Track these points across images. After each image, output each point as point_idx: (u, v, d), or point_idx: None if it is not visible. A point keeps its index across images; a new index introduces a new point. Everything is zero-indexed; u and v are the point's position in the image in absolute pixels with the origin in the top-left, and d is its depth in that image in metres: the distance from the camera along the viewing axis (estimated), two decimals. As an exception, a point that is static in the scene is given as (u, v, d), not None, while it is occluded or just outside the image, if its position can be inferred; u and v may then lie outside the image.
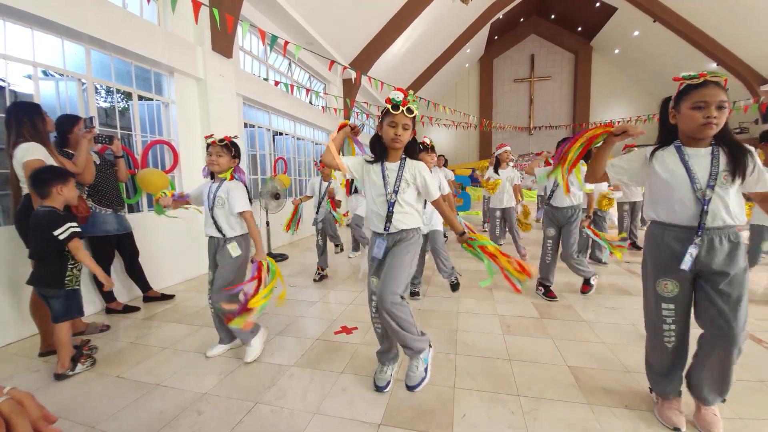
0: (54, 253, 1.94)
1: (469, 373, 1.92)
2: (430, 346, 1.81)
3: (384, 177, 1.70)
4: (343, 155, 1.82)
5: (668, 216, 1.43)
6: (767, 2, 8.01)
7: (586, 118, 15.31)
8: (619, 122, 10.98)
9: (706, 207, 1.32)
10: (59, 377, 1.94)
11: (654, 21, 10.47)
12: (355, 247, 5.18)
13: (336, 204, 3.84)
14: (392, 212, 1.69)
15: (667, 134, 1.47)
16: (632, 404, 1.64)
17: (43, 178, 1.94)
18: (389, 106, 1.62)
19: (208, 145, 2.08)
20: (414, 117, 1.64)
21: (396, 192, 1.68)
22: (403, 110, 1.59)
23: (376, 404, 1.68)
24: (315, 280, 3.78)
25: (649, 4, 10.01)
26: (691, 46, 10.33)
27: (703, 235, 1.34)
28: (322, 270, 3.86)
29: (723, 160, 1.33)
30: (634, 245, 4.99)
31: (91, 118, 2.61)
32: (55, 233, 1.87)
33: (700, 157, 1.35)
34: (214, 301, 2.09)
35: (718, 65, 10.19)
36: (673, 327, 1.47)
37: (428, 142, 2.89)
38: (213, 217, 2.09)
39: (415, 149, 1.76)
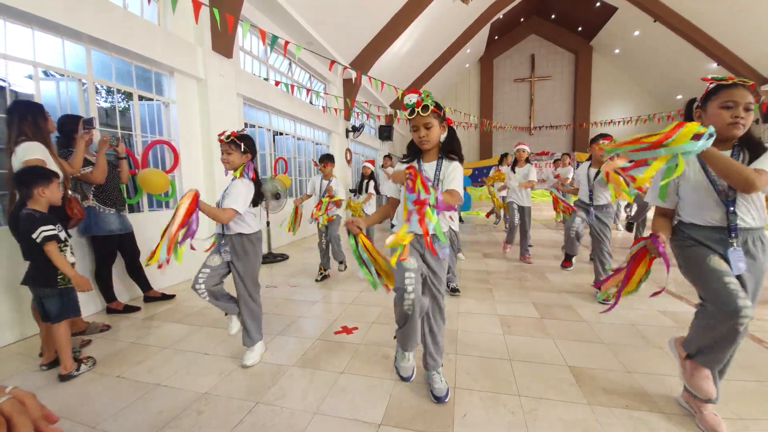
0: (42, 253, 1.90)
1: (469, 373, 1.92)
2: (442, 365, 1.81)
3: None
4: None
5: (695, 217, 1.44)
6: (767, 2, 8.00)
7: (586, 118, 15.29)
8: (619, 123, 10.99)
9: (732, 208, 1.34)
10: (64, 378, 1.94)
11: (654, 21, 10.45)
12: None
13: (338, 204, 3.82)
14: None
15: None
16: (632, 404, 1.63)
17: (25, 179, 1.91)
18: (406, 113, 1.62)
19: (221, 144, 2.04)
20: (434, 113, 1.58)
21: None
22: (418, 111, 1.57)
23: (377, 404, 1.68)
24: (317, 280, 3.78)
25: (650, 4, 9.99)
26: (691, 45, 10.31)
27: (738, 236, 1.35)
28: (324, 270, 3.86)
29: (746, 162, 1.33)
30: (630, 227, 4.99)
31: (90, 120, 2.61)
32: (33, 236, 1.85)
33: None
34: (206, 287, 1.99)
35: (718, 65, 10.18)
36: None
37: None
38: None
39: (452, 146, 1.69)
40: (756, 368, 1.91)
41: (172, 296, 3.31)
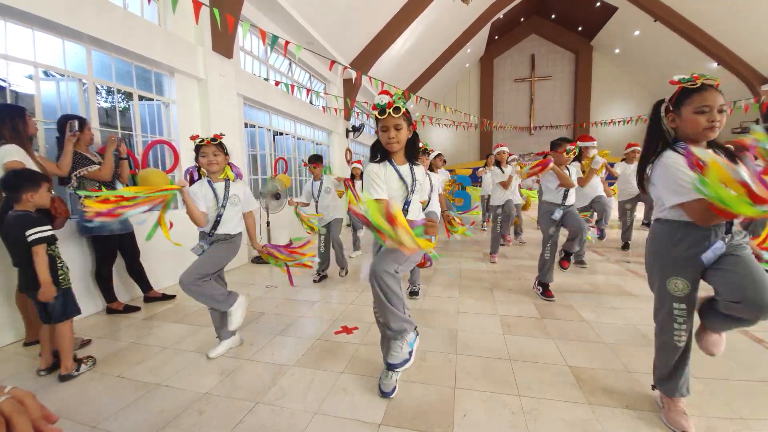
0: (31, 257, 1.87)
1: (469, 373, 1.92)
2: (417, 333, 1.82)
3: (401, 177, 1.70)
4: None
5: (682, 215, 1.40)
6: (767, 1, 7.99)
7: (586, 117, 15.29)
8: (619, 122, 10.97)
9: None
10: (64, 378, 1.94)
11: (655, 20, 10.45)
12: (356, 247, 5.19)
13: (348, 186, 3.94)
14: (407, 210, 1.73)
15: (658, 139, 1.47)
16: (633, 404, 1.63)
17: (14, 183, 1.90)
18: (376, 113, 1.62)
19: (199, 147, 2.08)
20: (404, 115, 1.61)
21: (413, 192, 1.73)
22: (389, 112, 1.58)
23: (377, 404, 1.68)
24: (315, 281, 3.78)
25: (650, 4, 10.00)
26: (691, 45, 10.31)
27: (731, 232, 1.35)
28: (323, 271, 3.85)
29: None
30: (627, 247, 4.96)
31: (79, 121, 2.63)
32: (27, 233, 1.83)
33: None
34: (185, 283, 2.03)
35: (719, 65, 10.17)
36: (683, 327, 1.45)
37: (421, 145, 2.89)
38: (218, 216, 2.13)
39: (414, 150, 1.76)
40: (756, 368, 1.91)
41: (172, 296, 3.31)
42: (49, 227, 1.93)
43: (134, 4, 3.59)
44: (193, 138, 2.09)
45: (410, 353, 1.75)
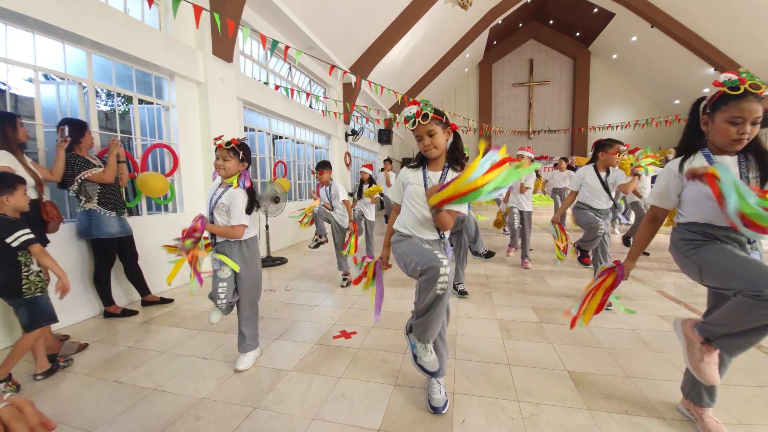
0: (5, 261, 1.85)
1: (468, 378, 1.92)
2: (444, 373, 1.77)
3: (425, 183, 1.65)
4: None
5: (713, 218, 1.35)
6: (766, 8, 8.08)
7: (584, 122, 15.38)
8: (617, 127, 11.03)
9: None
10: (37, 378, 1.97)
11: (652, 26, 10.53)
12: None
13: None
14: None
15: (692, 139, 1.43)
16: (632, 410, 1.63)
17: None
18: (408, 125, 1.61)
19: (216, 149, 1.99)
20: (434, 119, 1.57)
21: None
22: (418, 121, 1.57)
23: (376, 409, 1.67)
24: (309, 246, 3.83)
25: (647, 10, 10.09)
26: (689, 51, 10.40)
27: (755, 239, 1.33)
28: (320, 237, 3.81)
29: (753, 166, 1.31)
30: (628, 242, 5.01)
31: (78, 125, 2.66)
32: (8, 240, 1.81)
33: (729, 166, 1.32)
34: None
35: (715, 70, 10.25)
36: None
37: None
38: (211, 222, 2.04)
39: (456, 154, 1.67)
40: (757, 373, 1.91)
41: (170, 300, 3.30)
42: (28, 229, 1.87)
43: (135, 8, 3.61)
44: (215, 139, 2.01)
45: (445, 394, 1.71)
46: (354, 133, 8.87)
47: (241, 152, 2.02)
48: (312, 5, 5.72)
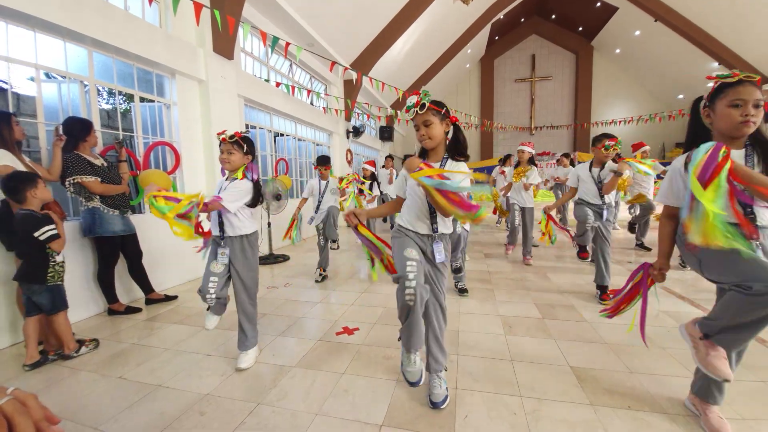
0: (36, 251, 2.09)
1: (471, 374, 1.92)
2: (446, 369, 1.78)
3: None
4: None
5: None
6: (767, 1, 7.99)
7: (587, 117, 15.28)
8: (620, 122, 10.96)
9: (750, 209, 1.30)
10: (65, 357, 2.17)
11: (655, 20, 10.44)
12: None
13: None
14: (435, 215, 1.64)
15: (695, 136, 1.43)
16: (635, 405, 1.63)
17: (14, 185, 2.06)
18: (408, 115, 1.63)
19: (220, 143, 2.01)
20: (432, 109, 1.57)
21: None
22: (416, 110, 1.58)
23: (378, 405, 1.67)
24: (317, 281, 3.79)
25: (651, 4, 9.99)
26: (692, 45, 10.30)
27: (763, 236, 1.31)
28: (324, 270, 3.86)
29: (758, 160, 1.31)
30: (642, 246, 4.96)
31: (83, 125, 2.69)
32: (35, 234, 2.03)
33: (736, 159, 1.29)
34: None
35: (719, 64, 10.16)
36: None
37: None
38: (218, 216, 2.04)
39: (456, 144, 1.65)
40: (760, 368, 1.90)
41: (174, 297, 3.31)
42: (53, 225, 2.10)
43: (135, 5, 3.60)
44: (218, 134, 2.03)
45: (447, 389, 1.71)
46: (356, 130, 8.86)
47: (245, 145, 2.04)
48: (312, 1, 5.69)
